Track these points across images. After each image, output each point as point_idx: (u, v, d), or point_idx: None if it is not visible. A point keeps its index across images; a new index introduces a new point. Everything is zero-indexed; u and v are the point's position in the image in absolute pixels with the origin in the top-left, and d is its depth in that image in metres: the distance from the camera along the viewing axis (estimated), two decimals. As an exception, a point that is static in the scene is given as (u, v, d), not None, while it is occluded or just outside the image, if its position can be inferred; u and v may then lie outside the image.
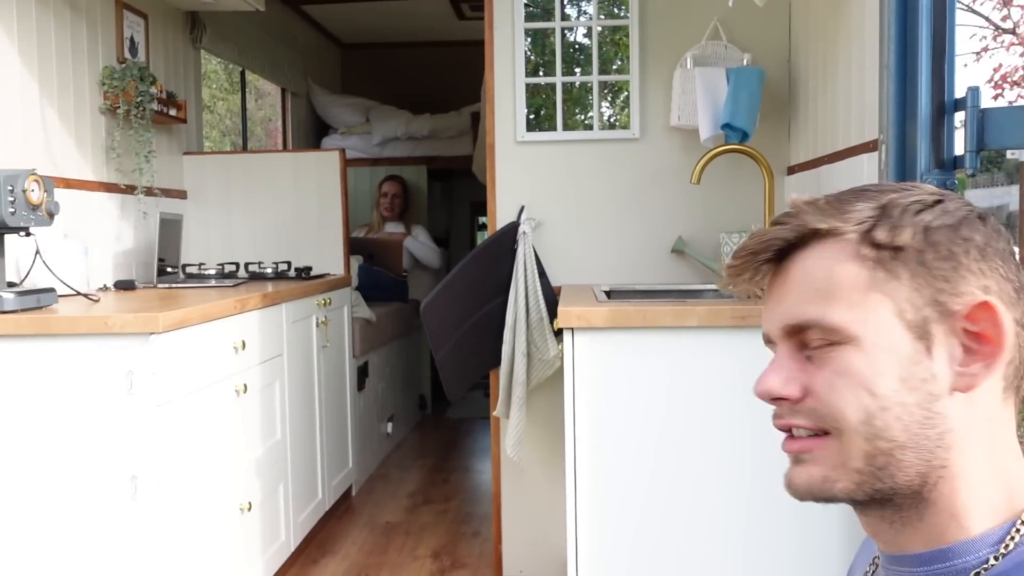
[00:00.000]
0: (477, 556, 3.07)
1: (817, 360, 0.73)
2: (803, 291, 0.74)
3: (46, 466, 1.98)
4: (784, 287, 0.76)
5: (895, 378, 0.70)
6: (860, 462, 0.71)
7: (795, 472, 0.76)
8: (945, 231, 0.72)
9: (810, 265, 0.75)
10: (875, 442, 0.70)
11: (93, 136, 2.90)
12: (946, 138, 1.69)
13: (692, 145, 2.72)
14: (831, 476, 0.73)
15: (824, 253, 0.74)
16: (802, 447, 0.75)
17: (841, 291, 0.72)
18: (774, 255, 0.77)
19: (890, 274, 0.71)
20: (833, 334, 0.72)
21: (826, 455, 0.73)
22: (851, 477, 0.72)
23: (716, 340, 1.94)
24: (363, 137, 5.38)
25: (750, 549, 1.96)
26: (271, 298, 2.65)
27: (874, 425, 0.70)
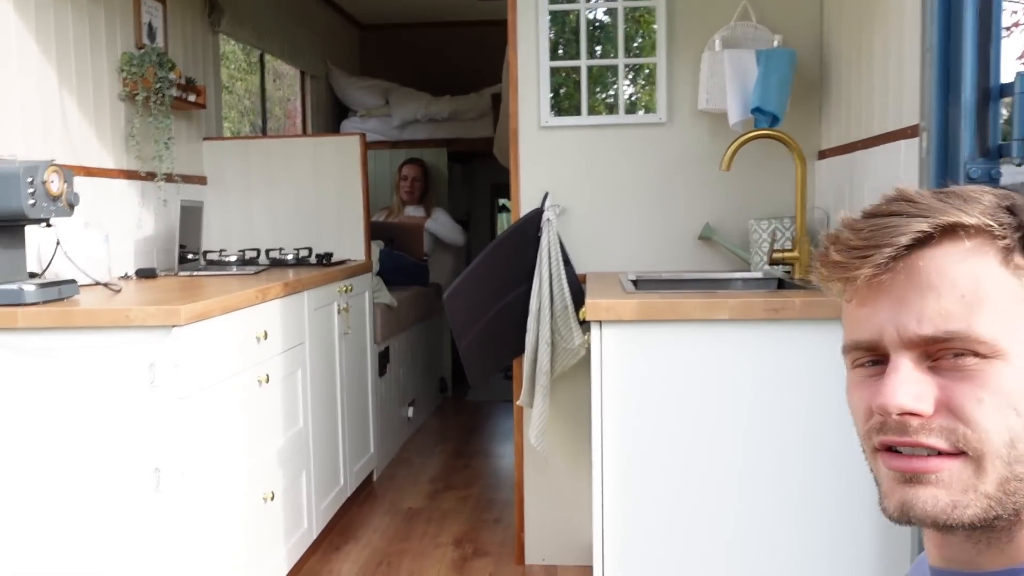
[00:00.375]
0: (499, 544, 3.06)
1: (951, 373, 0.67)
2: (942, 297, 0.66)
3: (69, 460, 1.96)
4: (907, 290, 0.68)
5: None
6: (993, 487, 0.65)
7: (914, 494, 0.67)
8: None
9: (949, 267, 0.67)
10: (1014, 467, 0.65)
11: (112, 123, 2.87)
12: (992, 125, 1.63)
13: (720, 129, 2.66)
14: (961, 502, 0.66)
15: (965, 255, 0.67)
16: (927, 467, 0.67)
17: (990, 301, 0.66)
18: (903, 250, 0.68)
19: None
20: (979, 347, 0.65)
21: (956, 478, 0.66)
22: (981, 503, 0.66)
23: (748, 333, 1.89)
24: (383, 119, 5.34)
25: (778, 543, 1.93)
26: (293, 286, 2.62)
27: (1017, 448, 0.65)
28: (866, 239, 0.68)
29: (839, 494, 1.90)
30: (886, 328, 0.68)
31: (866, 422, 0.71)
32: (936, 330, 0.66)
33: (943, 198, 0.69)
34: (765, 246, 2.56)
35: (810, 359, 1.88)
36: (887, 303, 0.68)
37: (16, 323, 1.93)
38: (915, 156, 1.84)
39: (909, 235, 0.67)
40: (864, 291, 0.70)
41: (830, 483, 1.90)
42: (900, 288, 0.68)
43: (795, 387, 1.89)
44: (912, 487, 0.67)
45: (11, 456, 1.97)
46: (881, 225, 0.68)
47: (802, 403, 1.89)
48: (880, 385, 0.69)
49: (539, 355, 2.62)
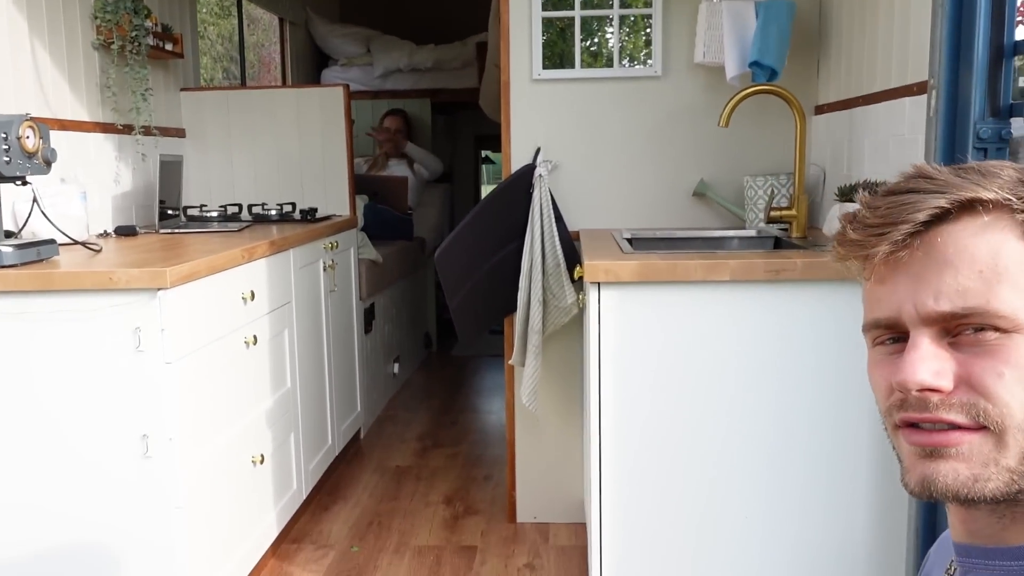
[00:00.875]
0: (490, 501, 3.05)
1: (970, 348, 0.66)
2: (961, 273, 0.66)
3: (54, 428, 1.91)
4: (926, 266, 0.67)
5: None
6: (1015, 461, 0.65)
7: (935, 468, 0.67)
8: None
9: (968, 242, 0.66)
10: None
11: (87, 74, 2.76)
12: (1004, 84, 1.59)
13: (717, 84, 2.60)
14: (982, 475, 0.65)
15: (983, 230, 0.66)
16: (948, 440, 0.66)
17: (1009, 275, 0.65)
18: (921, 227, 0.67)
19: None
20: (1000, 321, 0.65)
21: (977, 451, 0.66)
22: (1003, 477, 0.65)
23: (749, 295, 1.86)
24: (364, 69, 5.21)
25: (776, 503, 1.92)
26: (278, 244, 2.56)
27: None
28: (883, 216, 0.68)
29: (838, 454, 1.89)
30: (905, 305, 0.68)
31: (887, 399, 0.70)
32: (954, 306, 0.66)
33: (961, 174, 0.68)
34: (761, 203, 2.52)
35: (811, 320, 1.86)
36: (905, 280, 0.68)
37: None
38: (921, 114, 1.79)
39: (926, 211, 0.67)
40: (882, 269, 0.70)
41: (829, 444, 1.89)
42: (918, 265, 0.67)
43: (795, 349, 1.87)
44: (933, 461, 0.67)
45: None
46: (898, 202, 0.68)
47: (802, 364, 1.87)
48: (900, 362, 0.68)
49: (531, 314, 2.58)
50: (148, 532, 1.95)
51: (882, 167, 2.06)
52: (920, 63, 1.83)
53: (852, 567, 1.93)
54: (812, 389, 1.87)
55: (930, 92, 1.68)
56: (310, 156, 3.51)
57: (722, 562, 1.95)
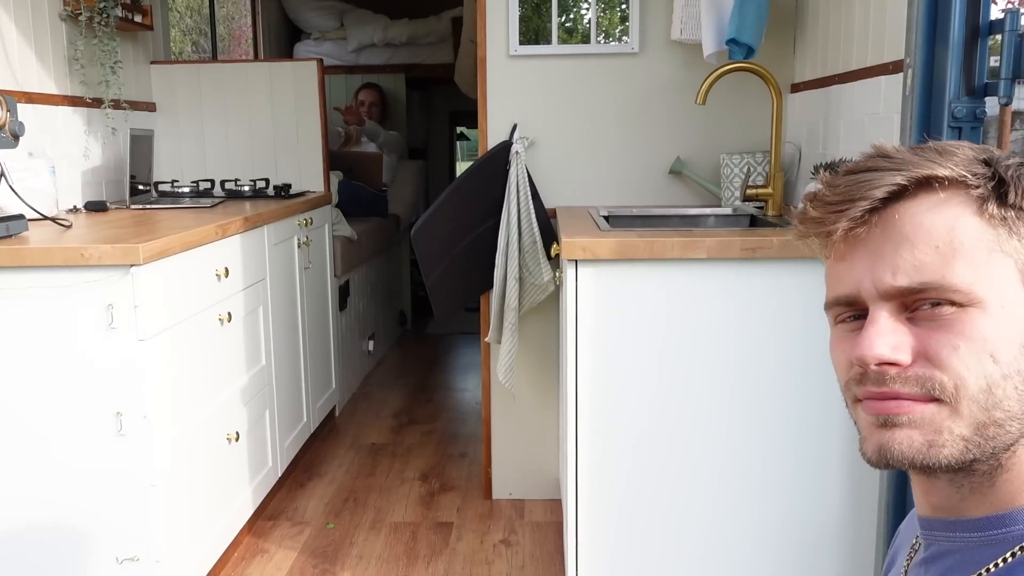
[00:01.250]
0: (465, 478, 3.06)
1: (927, 322, 0.67)
2: (917, 249, 0.67)
3: (27, 406, 1.89)
4: (883, 243, 0.68)
5: (1017, 345, 0.66)
6: (969, 430, 0.66)
7: (891, 436, 0.68)
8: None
9: (924, 219, 0.67)
10: (991, 412, 0.66)
11: (54, 46, 2.70)
12: (979, 63, 1.60)
13: (694, 61, 2.60)
14: (936, 442, 0.67)
15: (939, 206, 0.67)
16: (901, 408, 0.68)
17: (964, 250, 0.66)
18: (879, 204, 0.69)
19: (1012, 235, 0.67)
20: (955, 295, 0.66)
21: (930, 419, 0.67)
22: (957, 445, 0.67)
23: (725, 272, 1.87)
24: (338, 43, 5.15)
25: (751, 482, 1.95)
26: (253, 221, 2.53)
27: (994, 394, 0.66)
28: (842, 194, 0.69)
29: (812, 430, 1.91)
30: (863, 281, 0.69)
31: (847, 374, 0.72)
32: (911, 281, 0.67)
33: (919, 152, 0.70)
34: (737, 181, 2.53)
35: (786, 298, 1.87)
36: (864, 257, 0.69)
37: (-39, 262, 1.82)
38: (897, 92, 1.80)
39: (884, 188, 0.68)
40: (842, 246, 0.71)
41: (803, 420, 1.91)
42: (876, 241, 0.69)
43: (771, 326, 1.88)
44: (888, 430, 0.68)
45: (-38, 401, 1.88)
46: (857, 180, 0.69)
47: (777, 341, 1.89)
48: (858, 338, 0.69)
49: (507, 291, 2.58)
50: (123, 510, 1.94)
51: (858, 145, 2.07)
52: (896, 42, 1.84)
53: (825, 542, 1.96)
54: (787, 366, 1.89)
55: (906, 71, 1.69)
56: (284, 131, 3.47)
57: (696, 538, 1.97)
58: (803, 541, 1.96)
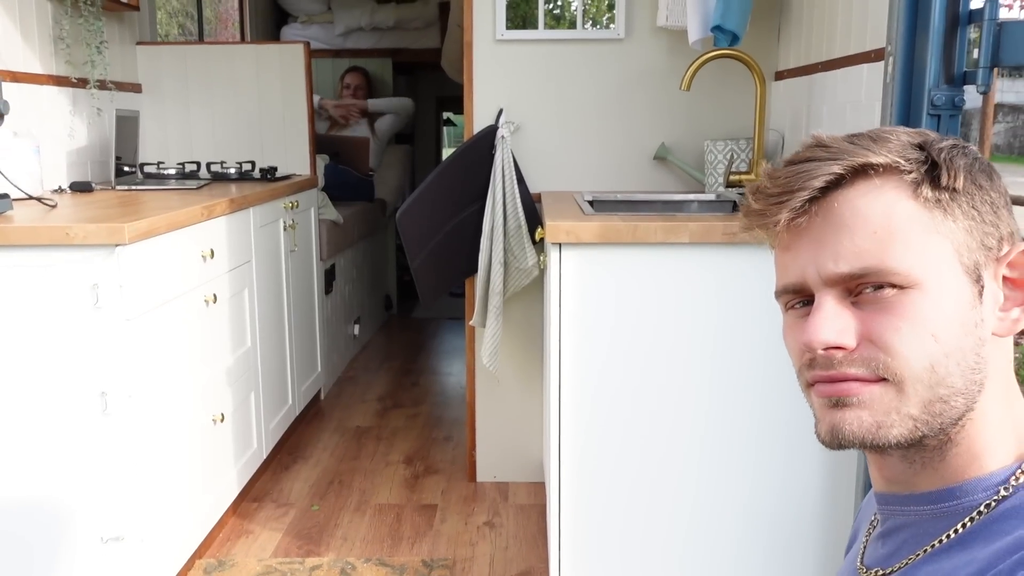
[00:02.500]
0: (450, 461, 3.09)
1: (870, 306, 0.69)
2: (856, 235, 0.69)
3: (11, 385, 1.89)
4: (824, 231, 0.70)
5: (957, 323, 0.68)
6: (917, 409, 0.69)
7: (841, 416, 0.71)
8: (983, 176, 0.71)
9: (862, 205, 0.69)
10: (936, 389, 0.68)
11: (40, 25, 2.68)
12: (958, 52, 1.62)
13: (679, 47, 2.61)
14: (885, 422, 0.69)
15: (876, 193, 0.70)
16: (850, 390, 0.70)
17: (901, 233, 0.68)
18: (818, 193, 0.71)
19: (947, 216, 0.69)
20: (894, 278, 0.68)
21: (878, 400, 0.69)
22: (906, 424, 0.69)
23: (707, 256, 1.89)
24: (324, 27, 5.13)
25: (731, 463, 1.97)
26: (239, 203, 2.53)
27: (937, 372, 0.68)
28: (782, 185, 0.71)
29: (791, 412, 1.94)
30: (808, 269, 0.71)
31: (799, 359, 0.74)
32: (852, 267, 0.69)
33: (855, 140, 0.72)
34: (720, 167, 2.55)
35: (767, 282, 1.88)
36: (807, 245, 0.71)
37: (-54, 240, 1.82)
38: (878, 80, 1.82)
39: (822, 178, 0.70)
40: (786, 236, 0.73)
41: (782, 402, 1.94)
42: (818, 230, 0.71)
43: (752, 309, 1.91)
44: (839, 410, 0.71)
45: (-53, 379, 1.89)
46: (796, 171, 0.71)
47: (758, 325, 1.91)
48: (806, 323, 0.72)
49: (492, 275, 2.60)
50: (107, 490, 1.95)
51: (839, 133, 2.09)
52: (878, 31, 1.86)
53: (804, 521, 2.00)
54: (767, 349, 1.91)
55: (887, 59, 1.71)
56: (270, 114, 3.46)
57: (677, 520, 2.00)
58: (783, 520, 2.00)
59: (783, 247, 0.74)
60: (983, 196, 0.70)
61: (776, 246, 0.75)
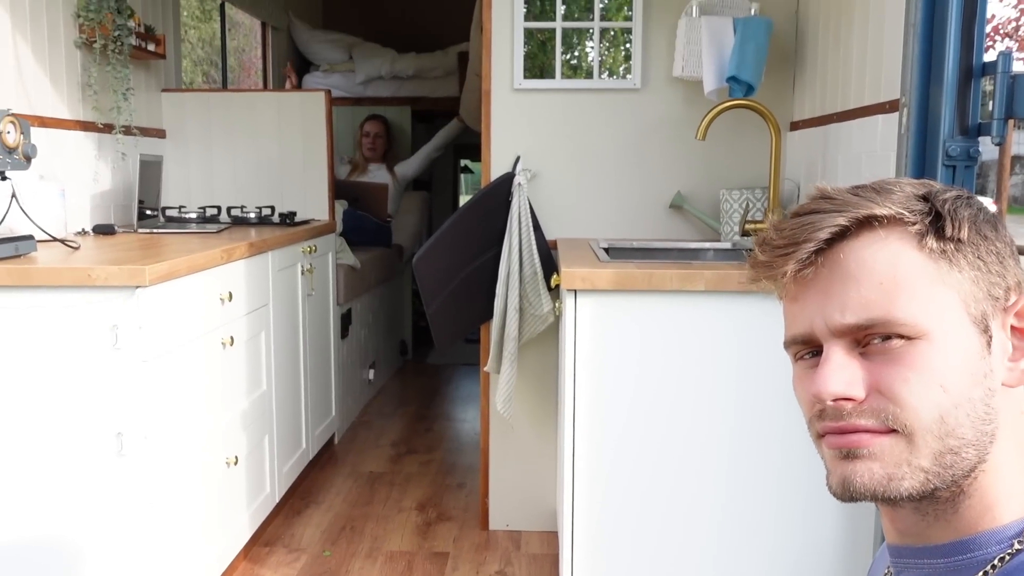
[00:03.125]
0: (463, 509, 3.06)
1: (878, 356, 0.69)
2: (862, 286, 0.70)
3: (29, 423, 1.90)
4: (831, 282, 0.71)
5: (965, 373, 0.68)
6: (928, 461, 0.68)
7: (852, 469, 0.70)
8: (988, 227, 0.72)
9: (867, 256, 0.70)
10: (946, 440, 0.68)
11: (68, 72, 2.75)
12: (972, 103, 1.64)
13: (695, 97, 2.64)
14: (896, 474, 0.69)
15: (881, 244, 0.70)
16: (860, 441, 0.70)
17: (907, 284, 0.69)
18: (824, 245, 0.71)
19: (953, 267, 0.69)
20: (901, 329, 0.68)
21: (888, 451, 0.69)
22: (917, 476, 0.69)
23: (723, 305, 1.89)
24: (346, 75, 5.22)
25: (750, 513, 1.95)
26: (257, 247, 2.56)
27: (947, 423, 0.68)
28: (788, 237, 0.72)
29: (808, 460, 1.92)
30: (815, 320, 0.72)
31: (810, 411, 0.74)
32: (859, 318, 0.69)
33: (859, 192, 0.73)
34: (736, 216, 2.56)
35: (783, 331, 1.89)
36: (814, 296, 0.72)
37: (-30, 280, 1.85)
38: (893, 131, 1.84)
39: (827, 229, 0.70)
40: (793, 287, 0.74)
41: (800, 450, 1.92)
42: (824, 281, 0.71)
43: (768, 357, 1.90)
44: (850, 462, 0.70)
45: (-35, 418, 1.90)
46: (802, 223, 0.72)
47: (774, 372, 1.90)
48: (814, 374, 0.72)
49: (507, 321, 2.61)
50: (121, 530, 1.94)
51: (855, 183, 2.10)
52: (893, 82, 1.88)
53: (821, 573, 1.96)
54: (784, 398, 1.90)
55: (901, 110, 1.72)
56: (290, 160, 3.51)
57: (695, 571, 1.97)
58: (802, 572, 1.96)
59: (790, 298, 0.75)
60: (988, 246, 0.71)
61: (783, 297, 0.76)
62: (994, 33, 7.51)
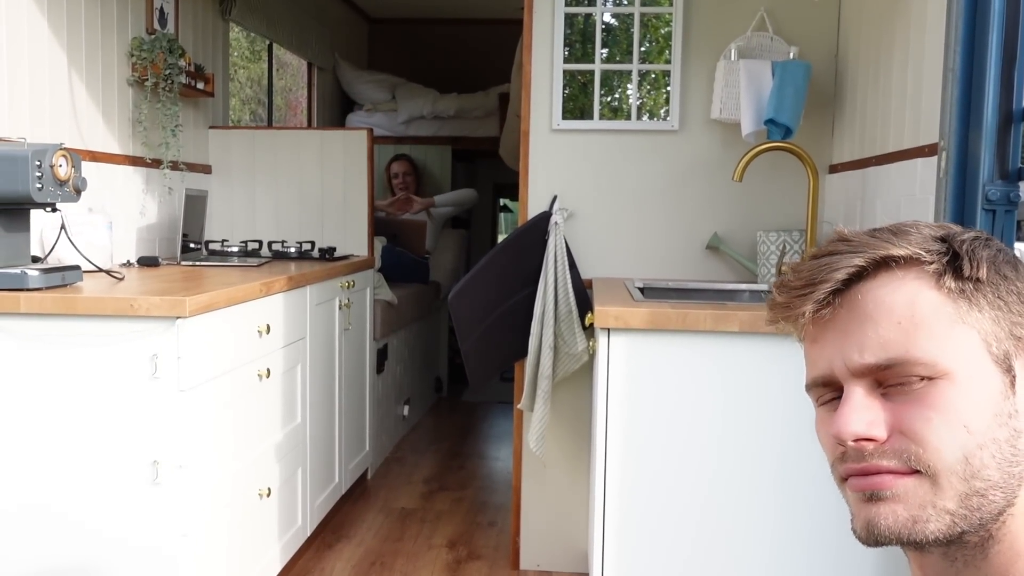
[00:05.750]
0: (493, 547, 3.04)
1: (900, 397, 0.69)
2: (880, 326, 0.69)
3: (67, 449, 1.94)
4: (849, 322, 0.71)
5: (989, 414, 0.67)
6: (953, 503, 0.67)
7: (876, 511, 0.70)
8: (1008, 267, 0.71)
9: (885, 297, 0.70)
10: (972, 482, 0.67)
11: (120, 108, 2.84)
12: (1012, 148, 1.62)
13: (732, 139, 2.65)
14: (921, 516, 0.68)
15: (899, 284, 0.70)
16: (883, 483, 0.69)
17: (926, 324, 0.68)
18: (841, 285, 0.71)
19: (972, 306, 0.69)
20: (921, 369, 0.68)
21: (912, 493, 0.68)
22: (943, 519, 0.68)
23: (757, 346, 1.88)
24: (388, 115, 5.31)
25: (785, 559, 1.91)
26: (296, 280, 2.60)
27: (972, 464, 0.67)
28: (805, 279, 0.72)
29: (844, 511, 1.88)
30: (834, 361, 0.72)
31: (832, 454, 0.74)
32: (878, 358, 0.69)
33: (876, 234, 0.73)
34: (773, 258, 2.55)
35: (818, 375, 1.87)
36: (833, 337, 0.72)
37: (19, 308, 1.91)
38: (932, 174, 1.82)
39: (844, 270, 0.71)
40: (812, 329, 0.74)
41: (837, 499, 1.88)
42: (843, 321, 0.71)
43: (804, 401, 1.87)
44: (874, 504, 0.70)
45: (8, 444, 1.94)
46: (819, 265, 0.72)
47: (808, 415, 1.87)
48: (835, 416, 0.72)
49: (541, 359, 2.61)
50: (153, 558, 1.96)
51: (893, 226, 2.08)
52: (932, 125, 1.87)
53: (855, 626, 1.91)
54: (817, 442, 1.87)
55: (940, 154, 1.71)
56: (331, 197, 3.57)
57: (724, 615, 1.93)
58: (834, 625, 1.92)
59: (810, 340, 0.75)
60: (1009, 286, 0.70)
61: (803, 339, 0.76)
62: None
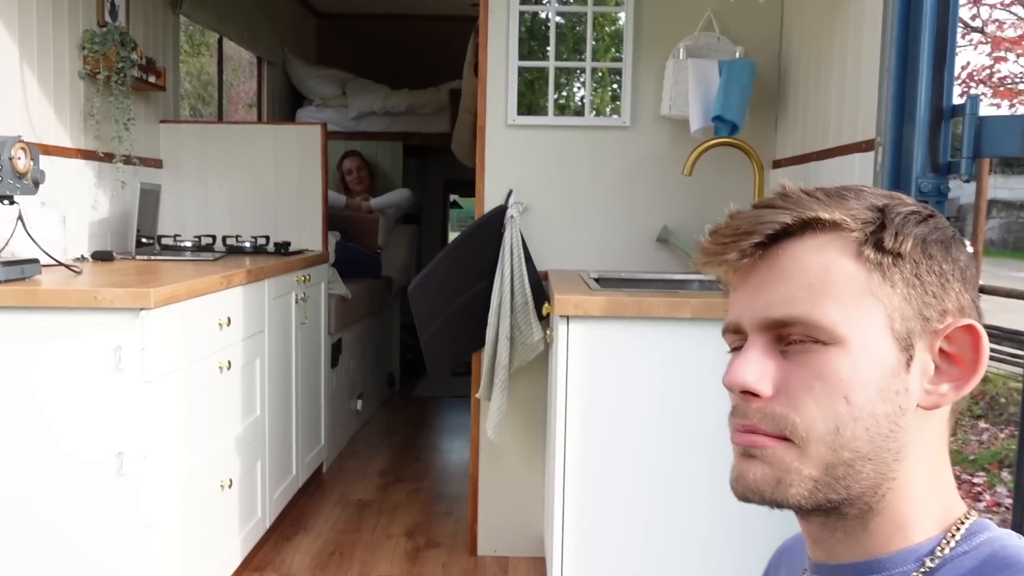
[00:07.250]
0: (451, 536, 3.09)
1: (796, 358, 0.70)
2: (792, 284, 0.70)
3: (32, 441, 1.94)
4: (767, 276, 0.71)
5: (874, 388, 0.68)
6: (817, 471, 0.68)
7: (745, 467, 0.71)
8: (938, 247, 0.71)
9: (803, 257, 0.70)
10: (839, 452, 0.68)
11: (72, 102, 2.82)
12: (943, 143, 1.73)
13: (681, 135, 2.74)
14: (784, 480, 0.69)
15: (821, 247, 0.70)
16: (756, 441, 0.70)
17: (835, 289, 0.69)
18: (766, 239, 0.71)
19: (885, 280, 0.69)
20: (819, 332, 0.68)
21: (781, 456, 0.69)
22: (805, 484, 0.69)
23: (709, 331, 1.96)
24: (339, 111, 5.31)
25: (740, 538, 2.01)
26: (255, 274, 2.62)
27: (842, 435, 0.68)
28: (735, 229, 0.72)
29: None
30: (745, 312, 0.72)
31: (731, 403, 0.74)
32: (780, 314, 0.69)
33: (818, 194, 0.72)
34: (720, 250, 2.64)
35: (766, 359, 1.96)
36: (749, 288, 0.72)
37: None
38: (870, 169, 1.93)
39: (771, 225, 0.71)
40: (734, 278, 0.74)
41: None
42: (761, 275, 0.72)
43: (751, 386, 1.97)
44: (747, 461, 0.71)
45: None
46: (752, 216, 0.72)
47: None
48: (729, 364, 0.72)
49: (499, 349, 2.67)
50: (118, 549, 1.98)
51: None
52: (869, 122, 1.98)
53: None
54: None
55: (877, 149, 1.82)
56: (285, 192, 3.58)
57: (678, 590, 2.02)
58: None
59: (733, 288, 0.75)
60: (931, 265, 0.70)
61: (727, 287, 0.76)
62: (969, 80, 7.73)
